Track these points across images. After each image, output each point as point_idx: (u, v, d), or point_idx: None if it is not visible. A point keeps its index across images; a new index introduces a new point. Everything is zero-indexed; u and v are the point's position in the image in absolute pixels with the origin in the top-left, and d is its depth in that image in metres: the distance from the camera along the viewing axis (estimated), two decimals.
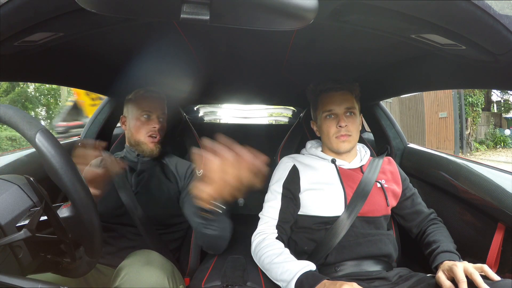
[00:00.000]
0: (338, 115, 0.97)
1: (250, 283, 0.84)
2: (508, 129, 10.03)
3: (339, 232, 0.89)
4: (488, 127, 9.96)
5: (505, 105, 11.88)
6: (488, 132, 9.85)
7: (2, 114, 0.47)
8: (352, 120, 0.97)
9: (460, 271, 0.70)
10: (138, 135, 1.06)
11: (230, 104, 2.81)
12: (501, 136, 9.76)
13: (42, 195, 0.47)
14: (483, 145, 9.40)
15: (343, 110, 0.97)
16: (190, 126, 1.31)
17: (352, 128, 0.97)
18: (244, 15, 0.46)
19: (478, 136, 9.62)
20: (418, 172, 1.21)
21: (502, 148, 9.60)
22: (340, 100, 0.98)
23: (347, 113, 0.98)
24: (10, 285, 0.39)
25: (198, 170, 0.94)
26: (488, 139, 9.77)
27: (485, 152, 9.02)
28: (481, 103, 8.56)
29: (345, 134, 0.96)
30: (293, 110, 2.69)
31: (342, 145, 0.98)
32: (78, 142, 1.36)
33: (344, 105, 0.97)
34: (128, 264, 0.70)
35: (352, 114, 0.98)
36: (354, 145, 1.00)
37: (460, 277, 0.69)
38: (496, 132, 9.88)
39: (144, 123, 1.06)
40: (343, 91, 0.99)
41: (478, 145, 9.22)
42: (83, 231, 0.50)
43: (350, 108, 0.98)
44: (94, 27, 0.65)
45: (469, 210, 0.97)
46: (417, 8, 0.50)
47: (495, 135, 9.79)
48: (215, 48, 0.99)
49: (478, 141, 9.48)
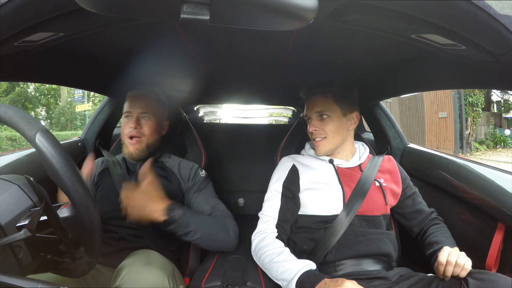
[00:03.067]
0: (311, 120, 1.00)
1: (250, 283, 0.84)
2: (508, 129, 10.11)
3: (338, 230, 0.89)
4: (488, 127, 10.05)
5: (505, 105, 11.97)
6: (488, 132, 9.92)
7: (2, 114, 0.47)
8: (325, 123, 0.98)
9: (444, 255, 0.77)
10: (122, 136, 1.04)
11: (230, 104, 2.81)
12: (501, 136, 9.82)
13: (42, 195, 0.47)
14: (483, 145, 9.47)
15: (315, 114, 0.99)
16: (190, 126, 1.30)
17: (326, 129, 0.97)
18: (244, 15, 0.46)
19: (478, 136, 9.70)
20: (418, 172, 1.21)
21: (502, 148, 9.66)
22: (312, 105, 1.00)
23: (318, 116, 0.99)
24: (10, 285, 0.39)
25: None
26: (488, 139, 9.84)
27: (485, 152, 9.07)
28: (481, 103, 8.59)
29: (318, 139, 0.99)
30: (293, 110, 2.69)
31: (317, 149, 1.00)
32: (78, 142, 1.36)
33: (315, 109, 0.99)
34: (128, 264, 0.70)
35: (325, 116, 0.98)
36: (334, 145, 1.00)
37: (441, 259, 0.77)
38: (496, 132, 9.95)
39: (125, 123, 1.02)
40: (315, 96, 1.00)
41: (478, 145, 9.26)
42: (83, 231, 0.50)
43: (321, 112, 0.98)
44: (94, 27, 0.65)
45: (469, 210, 0.97)
46: (417, 8, 0.50)
47: (495, 135, 9.86)
48: (215, 48, 0.99)
49: (478, 141, 9.54)
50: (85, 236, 0.51)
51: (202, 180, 1.08)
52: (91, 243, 0.52)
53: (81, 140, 1.37)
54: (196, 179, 1.07)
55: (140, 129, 1.01)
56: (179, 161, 1.12)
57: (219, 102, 2.40)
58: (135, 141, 1.00)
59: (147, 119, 1.03)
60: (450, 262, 0.75)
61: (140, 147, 1.01)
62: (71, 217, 0.51)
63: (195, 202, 1.04)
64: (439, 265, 0.77)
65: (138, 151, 1.01)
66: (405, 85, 1.13)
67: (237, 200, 1.78)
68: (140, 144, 1.01)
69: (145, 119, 1.03)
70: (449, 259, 0.76)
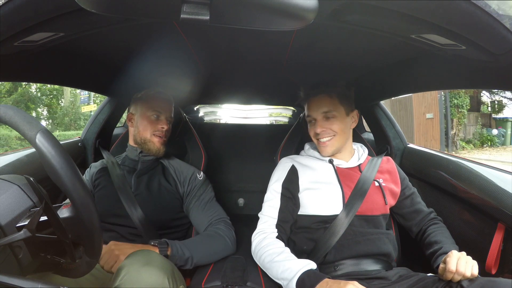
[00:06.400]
0: (317, 121, 0.98)
1: (250, 283, 0.84)
2: (496, 129, 10.53)
3: (338, 230, 0.89)
4: (476, 127, 10.41)
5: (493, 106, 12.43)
6: (476, 131, 10.36)
7: (2, 114, 0.47)
8: (331, 122, 0.96)
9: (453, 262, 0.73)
10: (145, 133, 1.06)
11: (230, 104, 2.81)
12: (488, 136, 10.21)
13: (42, 195, 0.47)
14: (470, 144, 9.87)
15: (321, 115, 0.97)
16: (190, 126, 1.30)
17: (334, 128, 0.96)
18: (244, 15, 0.46)
19: (467, 136, 10.11)
20: (418, 172, 1.21)
21: (489, 147, 10.02)
22: (317, 105, 0.98)
23: (324, 117, 0.97)
24: (10, 285, 0.39)
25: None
26: (475, 138, 10.25)
27: (470, 151, 9.43)
28: (466, 104, 9.13)
29: (326, 139, 0.97)
30: (293, 110, 2.69)
31: (324, 149, 0.99)
32: (78, 142, 1.36)
33: (321, 109, 0.97)
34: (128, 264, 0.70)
35: (331, 117, 0.97)
36: (341, 144, 0.99)
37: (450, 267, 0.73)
38: (483, 131, 10.33)
39: (153, 122, 1.07)
40: (320, 95, 0.98)
41: (465, 144, 9.68)
42: (83, 231, 0.50)
43: (328, 112, 0.96)
44: (94, 27, 0.65)
45: (469, 210, 0.97)
46: (417, 8, 0.50)
47: (482, 134, 10.27)
48: (215, 48, 0.99)
49: (466, 140, 9.93)
50: (85, 236, 0.51)
51: (200, 185, 1.09)
52: (91, 243, 0.52)
53: (81, 140, 1.37)
54: (193, 184, 1.08)
55: (167, 130, 1.10)
56: (177, 163, 1.13)
57: (219, 102, 2.40)
58: (162, 140, 1.09)
59: (169, 122, 1.11)
60: (460, 273, 0.72)
61: (164, 144, 1.10)
62: (71, 217, 0.51)
63: (193, 212, 1.05)
64: (447, 272, 0.73)
65: (164, 148, 1.09)
66: (405, 85, 1.13)
67: (237, 200, 1.78)
68: (164, 142, 1.10)
69: (169, 121, 1.11)
70: (459, 269, 0.72)
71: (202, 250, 0.93)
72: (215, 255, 0.96)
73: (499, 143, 10.28)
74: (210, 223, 1.02)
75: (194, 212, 1.05)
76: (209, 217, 1.03)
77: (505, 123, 10.76)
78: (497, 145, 10.15)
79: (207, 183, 1.12)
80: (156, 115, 1.07)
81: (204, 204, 1.06)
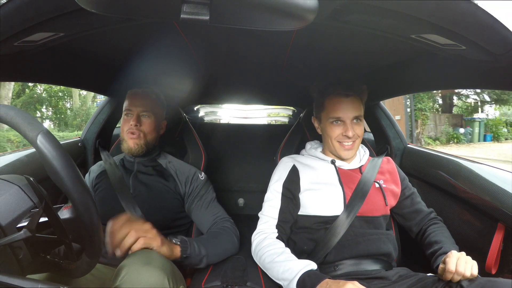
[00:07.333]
0: (346, 123, 0.94)
1: (250, 283, 0.84)
2: (463, 128, 12.36)
3: (339, 231, 0.89)
4: (444, 126, 12.30)
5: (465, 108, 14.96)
6: (443, 130, 12.21)
7: (3, 115, 0.47)
8: (358, 125, 0.95)
9: (452, 262, 0.74)
10: (122, 133, 1.06)
11: (230, 104, 2.81)
12: (454, 134, 12.03)
13: (42, 195, 0.47)
14: (436, 141, 11.55)
15: (351, 118, 0.93)
16: (190, 126, 1.30)
17: (359, 133, 0.95)
18: (244, 15, 0.46)
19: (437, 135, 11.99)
20: (418, 172, 1.21)
21: (455, 144, 11.75)
22: (349, 108, 0.93)
23: (354, 120, 0.94)
24: (10, 285, 0.39)
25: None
26: (442, 136, 12.02)
27: (434, 147, 10.69)
28: (429, 108, 11.39)
29: (350, 144, 0.95)
30: (293, 110, 2.69)
31: (346, 153, 0.96)
32: (78, 142, 1.36)
33: (353, 113, 0.93)
34: (128, 264, 0.70)
35: (360, 121, 0.96)
36: (358, 148, 1.00)
37: (450, 267, 0.73)
38: (450, 130, 12.16)
39: (125, 120, 1.05)
40: (353, 97, 0.94)
41: (431, 140, 11.35)
42: (84, 232, 0.50)
43: (358, 116, 0.95)
44: (94, 27, 0.65)
45: (469, 210, 0.97)
46: (417, 8, 0.50)
47: (448, 132, 12.03)
48: (215, 48, 0.98)
49: (434, 137, 11.71)
50: (85, 237, 0.51)
51: (202, 185, 1.08)
52: (91, 244, 0.52)
53: (81, 140, 1.37)
54: (195, 184, 1.07)
55: (140, 127, 1.04)
56: (177, 163, 1.12)
57: (219, 102, 2.40)
58: (135, 136, 1.03)
59: (146, 117, 1.05)
60: (459, 273, 0.72)
61: (140, 143, 1.04)
62: (72, 218, 0.51)
63: (195, 211, 1.05)
64: (447, 272, 0.74)
65: (137, 146, 1.03)
66: (405, 85, 1.13)
67: (237, 200, 1.78)
68: (140, 140, 1.04)
69: (145, 117, 1.05)
70: (459, 270, 0.72)
71: (214, 248, 0.92)
72: (225, 252, 0.96)
73: (465, 140, 12.00)
74: (215, 221, 1.02)
75: (196, 212, 1.05)
76: (213, 216, 1.03)
77: (473, 123, 12.57)
78: (464, 142, 11.84)
79: (208, 184, 1.12)
80: (127, 113, 1.05)
81: (207, 204, 1.06)
